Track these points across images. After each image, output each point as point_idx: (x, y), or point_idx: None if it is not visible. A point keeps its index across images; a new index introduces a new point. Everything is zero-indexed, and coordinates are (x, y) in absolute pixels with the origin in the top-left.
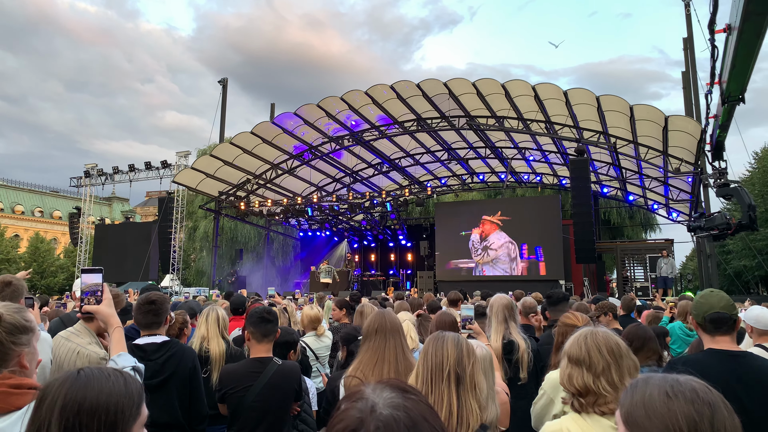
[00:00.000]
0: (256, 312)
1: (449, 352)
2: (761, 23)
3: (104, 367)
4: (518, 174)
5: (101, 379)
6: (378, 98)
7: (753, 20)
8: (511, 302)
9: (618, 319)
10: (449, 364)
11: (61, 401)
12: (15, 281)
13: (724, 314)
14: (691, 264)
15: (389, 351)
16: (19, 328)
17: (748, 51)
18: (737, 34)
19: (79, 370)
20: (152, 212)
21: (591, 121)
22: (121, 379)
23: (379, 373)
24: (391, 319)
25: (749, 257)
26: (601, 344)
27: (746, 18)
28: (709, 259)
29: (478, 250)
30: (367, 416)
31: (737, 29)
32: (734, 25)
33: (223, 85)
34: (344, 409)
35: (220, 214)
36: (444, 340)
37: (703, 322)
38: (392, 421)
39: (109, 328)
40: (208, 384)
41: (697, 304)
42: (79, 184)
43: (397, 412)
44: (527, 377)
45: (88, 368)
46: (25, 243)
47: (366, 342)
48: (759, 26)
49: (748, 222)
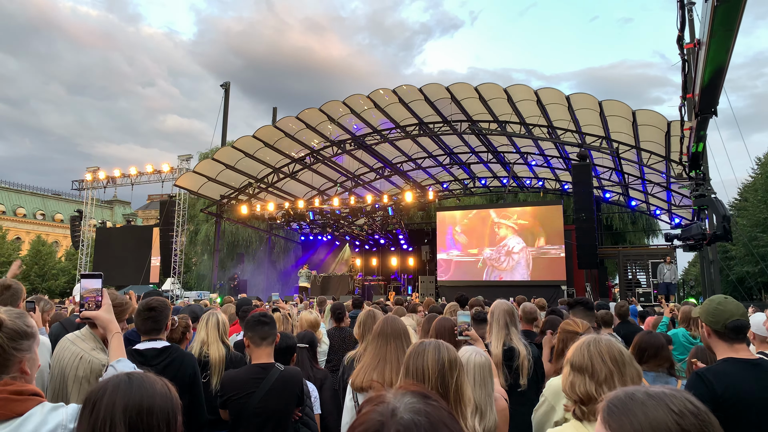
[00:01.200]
0: (252, 316)
1: (430, 367)
2: (728, 39)
3: (147, 372)
4: (520, 179)
5: (153, 384)
6: (380, 102)
7: (719, 36)
8: (512, 308)
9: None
10: (430, 382)
11: (122, 402)
12: (14, 284)
13: (745, 321)
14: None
15: (390, 353)
16: (20, 333)
17: (717, 66)
18: (705, 49)
19: (128, 375)
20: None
21: (593, 126)
22: (165, 385)
23: (380, 374)
24: (394, 323)
25: (752, 263)
26: (603, 352)
27: (713, 34)
28: (711, 265)
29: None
30: (387, 419)
31: (705, 44)
32: (703, 40)
33: (226, 89)
34: (365, 412)
35: (221, 217)
36: (424, 354)
37: (724, 330)
38: (413, 426)
39: (108, 333)
40: (207, 389)
41: (716, 311)
42: (80, 187)
43: (418, 416)
44: (527, 384)
45: (135, 373)
46: (27, 246)
47: (369, 345)
48: (726, 42)
49: (723, 233)
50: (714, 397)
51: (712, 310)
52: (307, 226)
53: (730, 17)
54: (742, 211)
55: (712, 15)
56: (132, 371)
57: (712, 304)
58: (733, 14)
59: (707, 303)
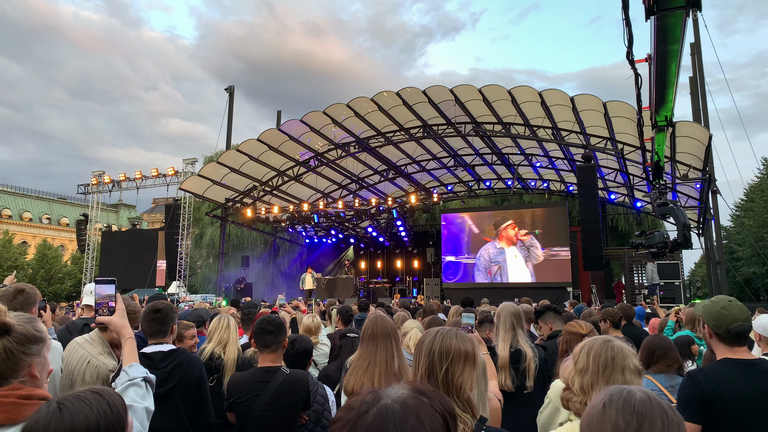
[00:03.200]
0: (257, 324)
1: (423, 351)
2: (674, 54)
3: (84, 394)
4: (525, 180)
5: (88, 406)
6: (384, 105)
7: (665, 50)
8: (519, 310)
9: (621, 328)
10: (420, 367)
11: None
12: (28, 289)
13: (747, 327)
14: (700, 271)
15: (380, 355)
16: (30, 338)
17: (667, 80)
18: (654, 63)
19: (59, 405)
20: (159, 219)
21: (598, 127)
22: (104, 403)
23: (370, 377)
24: (383, 324)
25: (759, 264)
26: (608, 353)
27: (658, 48)
28: (718, 266)
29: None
30: (370, 403)
31: (654, 59)
32: (652, 56)
33: (230, 92)
34: (355, 397)
35: (226, 220)
36: (421, 346)
37: (726, 334)
38: (384, 410)
39: (122, 338)
40: (219, 390)
41: (720, 316)
42: (86, 191)
43: (394, 404)
44: (533, 386)
45: (68, 401)
46: (33, 250)
47: (360, 347)
48: (672, 56)
49: (683, 240)
50: (702, 396)
51: (716, 313)
52: (312, 228)
53: (672, 33)
54: (749, 212)
55: (655, 31)
56: (61, 398)
57: (716, 307)
58: (675, 31)
59: (710, 304)
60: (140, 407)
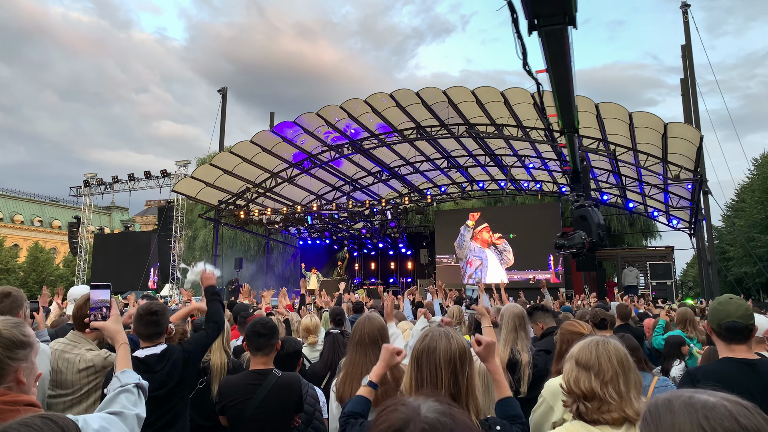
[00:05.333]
0: (251, 325)
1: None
2: (563, 67)
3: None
4: (518, 181)
5: None
6: (377, 106)
7: (555, 64)
8: (523, 312)
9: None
10: None
11: None
12: (14, 292)
13: (740, 323)
14: (692, 271)
15: (369, 362)
16: (16, 343)
17: (562, 91)
18: (549, 76)
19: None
20: (152, 221)
21: (590, 128)
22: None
23: (359, 384)
24: (370, 329)
25: (750, 264)
26: (611, 353)
27: (549, 62)
28: (710, 266)
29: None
30: (412, 418)
31: (550, 71)
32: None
33: (223, 94)
34: (388, 411)
35: (219, 223)
36: (421, 355)
37: (719, 329)
38: (437, 424)
39: (115, 344)
40: (207, 395)
41: (714, 311)
42: (78, 194)
43: (443, 417)
44: (527, 390)
45: (12, 428)
46: (25, 252)
47: (350, 352)
48: (562, 69)
49: (598, 240)
50: None
51: (713, 308)
52: (306, 230)
53: (558, 49)
54: (740, 212)
55: (542, 46)
56: (5, 426)
57: (714, 303)
58: (559, 46)
59: (714, 301)
60: (131, 414)
